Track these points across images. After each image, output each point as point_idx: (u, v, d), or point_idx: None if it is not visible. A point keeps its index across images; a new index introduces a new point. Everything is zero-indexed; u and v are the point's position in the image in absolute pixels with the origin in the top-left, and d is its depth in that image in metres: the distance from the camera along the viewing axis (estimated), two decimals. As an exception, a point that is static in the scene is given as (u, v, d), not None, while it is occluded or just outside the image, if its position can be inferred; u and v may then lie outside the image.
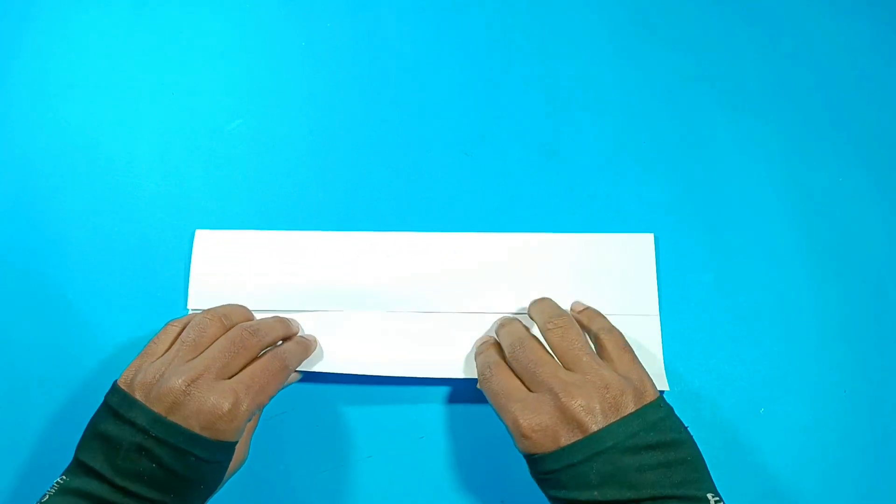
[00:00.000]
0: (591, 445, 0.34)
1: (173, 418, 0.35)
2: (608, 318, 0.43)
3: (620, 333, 0.41)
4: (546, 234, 0.47)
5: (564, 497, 0.34)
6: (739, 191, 0.49)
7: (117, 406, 0.36)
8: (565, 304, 0.45)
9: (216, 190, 0.49)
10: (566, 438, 0.34)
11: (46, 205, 0.48)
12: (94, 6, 0.52)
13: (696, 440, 0.40)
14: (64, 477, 0.35)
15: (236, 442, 0.37)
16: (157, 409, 0.35)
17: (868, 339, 0.46)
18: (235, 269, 0.46)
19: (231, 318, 0.41)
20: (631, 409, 0.35)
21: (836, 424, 0.45)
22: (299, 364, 0.42)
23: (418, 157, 0.49)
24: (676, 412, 0.39)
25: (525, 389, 0.37)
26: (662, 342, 0.45)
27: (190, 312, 0.46)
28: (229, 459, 0.37)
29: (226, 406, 0.35)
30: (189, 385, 0.36)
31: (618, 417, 0.34)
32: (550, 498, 0.36)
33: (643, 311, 0.46)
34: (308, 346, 0.43)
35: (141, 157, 0.49)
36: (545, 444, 0.35)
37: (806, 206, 0.49)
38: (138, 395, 0.36)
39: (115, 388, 0.37)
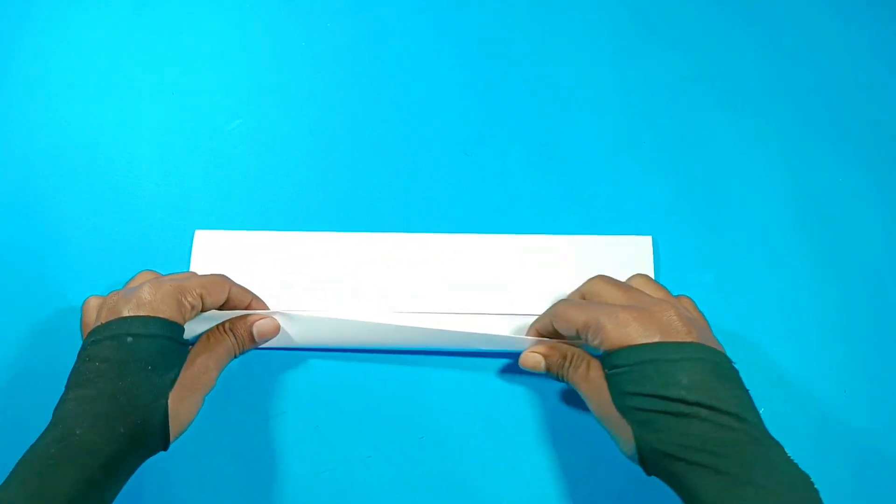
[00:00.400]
0: (687, 350, 0.35)
1: (107, 319, 0.37)
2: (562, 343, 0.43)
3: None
4: (545, 237, 0.47)
5: (644, 391, 0.35)
6: (739, 191, 0.49)
7: (83, 333, 0.40)
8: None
9: (216, 190, 0.49)
10: (662, 336, 0.35)
11: (46, 205, 0.48)
12: (95, 6, 0.52)
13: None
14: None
15: (174, 323, 0.38)
16: (96, 324, 0.38)
17: (868, 339, 0.46)
18: (234, 269, 0.46)
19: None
20: (718, 345, 0.37)
21: (836, 424, 0.45)
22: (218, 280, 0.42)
23: (418, 157, 0.49)
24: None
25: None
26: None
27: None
28: (171, 339, 0.37)
29: (147, 285, 0.38)
30: (114, 297, 0.39)
31: (703, 342, 0.36)
32: (622, 394, 0.36)
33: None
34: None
35: (141, 157, 0.49)
36: (638, 336, 0.35)
37: (806, 206, 0.49)
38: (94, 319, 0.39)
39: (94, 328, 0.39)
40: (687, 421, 0.34)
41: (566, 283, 0.46)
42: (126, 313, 0.37)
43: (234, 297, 0.42)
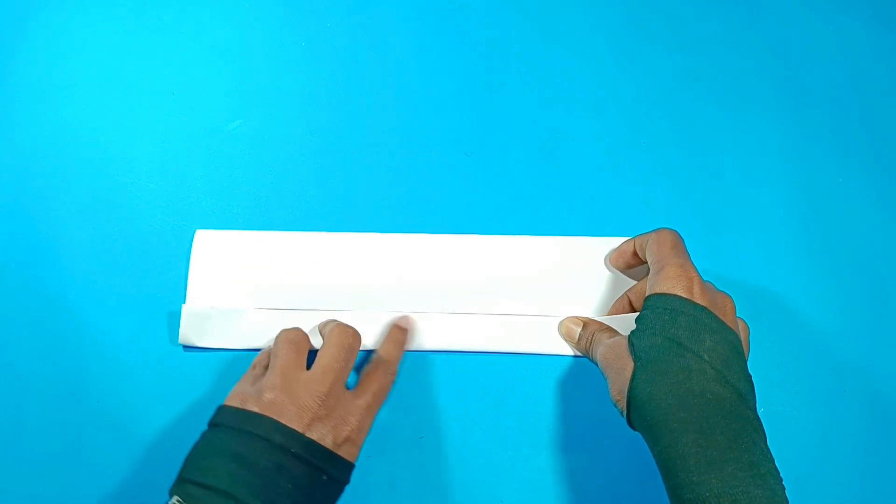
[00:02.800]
0: (722, 328, 0.37)
1: (309, 434, 0.35)
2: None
3: None
4: (545, 238, 0.47)
5: (672, 336, 0.36)
6: (739, 191, 0.49)
7: (240, 424, 0.35)
8: (562, 307, 0.46)
9: (216, 190, 0.49)
10: (708, 306, 0.38)
11: (46, 205, 0.48)
12: (95, 6, 0.52)
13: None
14: (178, 500, 0.34)
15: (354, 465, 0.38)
16: (295, 426, 0.35)
17: (868, 339, 0.46)
18: (234, 269, 0.46)
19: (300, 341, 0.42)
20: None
21: (836, 424, 0.45)
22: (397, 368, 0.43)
23: (418, 157, 0.49)
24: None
25: None
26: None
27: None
28: (344, 486, 0.37)
29: (355, 421, 0.37)
30: (323, 404, 0.36)
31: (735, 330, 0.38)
32: (648, 333, 0.38)
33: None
34: (405, 342, 0.44)
35: (141, 158, 0.49)
36: (693, 295, 0.38)
37: (805, 206, 0.49)
38: (264, 411, 0.36)
39: (226, 410, 0.37)
40: (694, 377, 0.34)
41: (566, 285, 0.46)
42: (334, 449, 0.36)
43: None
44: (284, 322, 0.46)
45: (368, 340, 0.45)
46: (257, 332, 0.46)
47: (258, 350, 0.45)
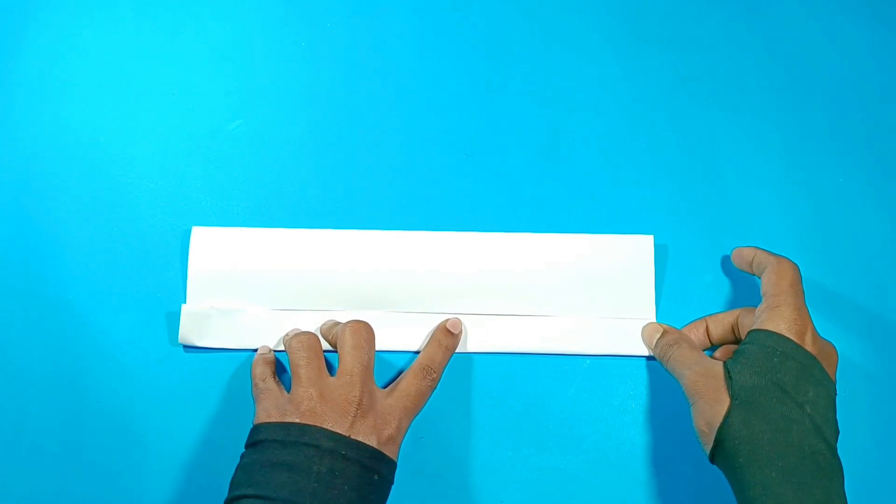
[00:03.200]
0: (826, 380, 0.37)
1: (355, 436, 0.36)
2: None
3: None
4: (545, 235, 0.47)
5: (776, 381, 0.36)
6: (739, 191, 0.49)
7: (284, 436, 0.36)
8: (562, 307, 0.46)
9: (216, 190, 0.49)
10: (816, 352, 0.38)
11: (46, 205, 0.48)
12: (95, 6, 0.52)
13: (696, 440, 0.40)
14: None
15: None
16: (339, 430, 0.36)
17: (868, 339, 0.46)
18: (233, 266, 0.46)
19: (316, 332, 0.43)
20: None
21: (836, 424, 0.45)
22: (440, 375, 0.43)
23: (418, 157, 0.49)
24: (677, 412, 0.39)
25: None
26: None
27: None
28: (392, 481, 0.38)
29: (395, 420, 0.38)
30: (359, 405, 0.37)
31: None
32: (748, 373, 0.37)
33: (641, 312, 0.46)
34: (453, 347, 0.44)
35: (140, 157, 0.49)
36: (801, 337, 0.38)
37: (805, 205, 0.49)
38: (304, 421, 0.36)
39: (267, 425, 0.37)
40: (794, 427, 0.34)
41: (566, 282, 0.46)
42: (379, 447, 0.37)
43: None
44: (285, 322, 0.46)
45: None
46: (257, 332, 0.46)
47: (257, 350, 0.45)
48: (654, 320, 0.46)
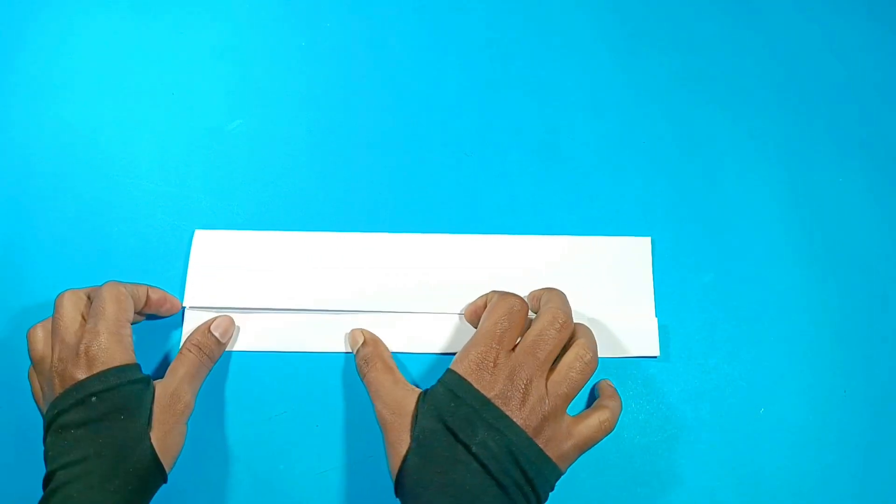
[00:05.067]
0: (507, 424, 0.36)
1: (65, 387, 0.38)
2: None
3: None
4: (544, 237, 0.47)
5: (447, 419, 0.37)
6: (738, 191, 0.49)
7: (44, 429, 0.39)
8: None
9: (216, 190, 0.49)
10: (495, 397, 0.37)
11: (46, 205, 0.48)
12: (95, 6, 0.52)
13: (696, 440, 0.40)
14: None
15: (127, 365, 0.39)
16: (53, 394, 0.38)
17: (867, 339, 0.46)
18: (232, 268, 0.46)
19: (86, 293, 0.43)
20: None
21: (835, 424, 0.45)
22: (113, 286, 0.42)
23: (418, 157, 0.49)
24: (677, 412, 0.38)
25: None
26: (660, 344, 0.45)
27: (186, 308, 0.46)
28: (131, 381, 0.38)
29: (86, 340, 0.38)
30: (56, 361, 0.39)
31: (529, 432, 0.36)
32: (430, 417, 0.38)
33: (640, 313, 0.46)
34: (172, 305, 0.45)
35: (141, 158, 0.49)
36: (478, 377, 0.38)
37: (804, 206, 0.49)
38: (48, 405, 0.39)
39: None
40: (458, 467, 0.35)
41: (565, 284, 0.46)
42: (80, 376, 0.37)
43: (151, 299, 0.44)
44: (286, 324, 0.46)
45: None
46: (258, 334, 0.46)
47: (257, 352, 0.45)
48: (654, 321, 0.46)
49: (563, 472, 0.37)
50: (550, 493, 0.37)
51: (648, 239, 0.47)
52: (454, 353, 0.45)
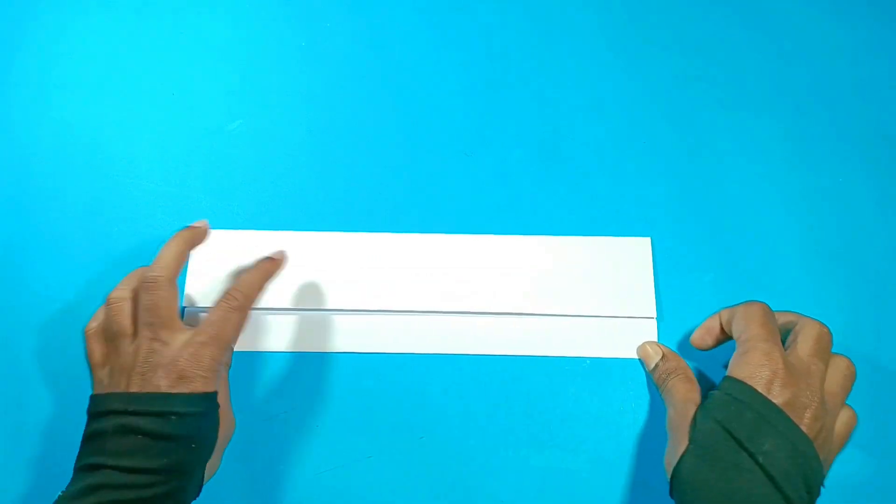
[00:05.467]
0: (790, 430, 0.36)
1: (144, 389, 0.36)
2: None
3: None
4: (544, 237, 0.47)
5: (729, 428, 0.36)
6: (739, 191, 0.49)
7: (94, 408, 0.38)
8: (562, 309, 0.46)
9: (216, 190, 0.49)
10: (781, 402, 0.36)
11: (46, 205, 0.48)
12: (95, 6, 0.52)
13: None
14: (62, 492, 0.36)
15: (214, 393, 0.38)
16: (128, 389, 0.37)
17: (868, 339, 0.46)
18: (232, 268, 0.46)
19: (132, 279, 0.42)
20: (821, 451, 0.37)
21: (836, 424, 0.45)
22: (257, 292, 0.42)
23: (418, 157, 0.49)
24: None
25: None
26: (660, 343, 0.45)
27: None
28: (211, 411, 0.38)
29: (185, 355, 0.37)
30: (145, 360, 0.37)
31: (812, 438, 0.36)
32: (707, 418, 0.37)
33: (641, 313, 0.46)
34: (267, 270, 0.44)
35: (141, 158, 0.49)
36: (768, 388, 0.36)
37: (805, 206, 0.49)
38: (109, 390, 0.38)
39: (91, 398, 0.39)
40: (745, 476, 0.34)
41: (565, 284, 0.46)
42: (165, 387, 0.36)
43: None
44: (285, 324, 0.46)
45: (369, 342, 0.45)
46: (258, 334, 0.46)
47: (256, 352, 0.45)
48: (654, 320, 0.46)
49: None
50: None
51: (648, 239, 0.47)
52: (453, 353, 0.45)
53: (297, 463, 0.44)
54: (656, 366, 0.43)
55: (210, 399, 0.38)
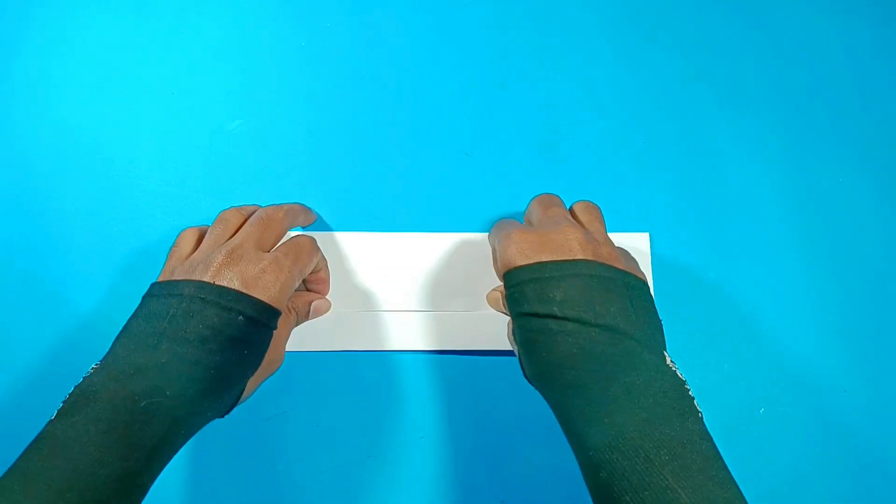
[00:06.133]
0: (570, 268, 0.35)
1: (219, 282, 0.36)
2: None
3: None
4: None
5: (526, 311, 0.35)
6: (738, 190, 0.49)
7: (160, 290, 0.36)
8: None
9: (216, 190, 0.49)
10: (547, 256, 0.36)
11: (46, 205, 0.48)
12: (95, 6, 0.52)
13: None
14: (97, 364, 0.35)
15: (279, 312, 0.38)
16: (203, 277, 0.36)
17: (868, 339, 0.46)
18: None
19: (248, 210, 0.43)
20: (620, 266, 0.36)
21: (836, 424, 0.45)
22: (319, 253, 0.43)
23: (418, 157, 0.49)
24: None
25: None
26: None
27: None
28: (271, 327, 0.37)
29: (264, 263, 0.37)
30: (229, 255, 0.37)
31: (605, 262, 0.35)
32: (514, 315, 0.37)
33: None
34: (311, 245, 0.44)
35: (141, 158, 0.49)
36: (526, 257, 0.36)
37: (805, 205, 0.49)
38: (179, 277, 0.37)
39: (154, 284, 0.38)
40: (557, 338, 0.34)
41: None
42: (244, 289, 0.36)
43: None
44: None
45: (367, 341, 0.45)
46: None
47: None
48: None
49: None
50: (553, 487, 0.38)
51: (647, 235, 0.47)
52: (452, 351, 0.45)
53: (297, 463, 0.44)
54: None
55: (275, 315, 0.37)
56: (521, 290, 0.36)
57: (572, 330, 0.33)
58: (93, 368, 0.34)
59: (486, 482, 0.44)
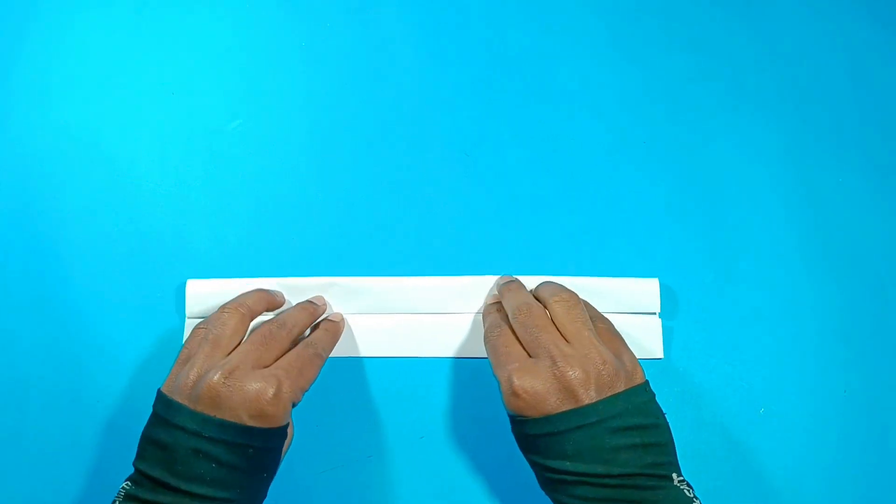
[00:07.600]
0: (577, 418, 0.34)
1: (221, 415, 0.35)
2: (611, 315, 0.44)
3: (610, 322, 0.42)
4: (548, 278, 0.46)
5: (537, 461, 0.36)
6: (739, 190, 0.49)
7: (164, 413, 0.36)
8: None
9: (216, 190, 0.49)
10: (553, 407, 0.35)
11: (46, 205, 0.48)
12: (95, 6, 0.52)
13: (696, 440, 0.40)
14: (128, 484, 0.36)
15: (287, 425, 0.38)
16: (203, 409, 0.35)
17: (868, 339, 0.46)
18: (231, 279, 0.46)
19: (251, 308, 0.41)
20: (621, 388, 0.36)
21: (836, 424, 0.45)
22: (331, 350, 0.43)
23: (418, 158, 0.49)
24: (677, 412, 0.39)
25: (525, 353, 0.38)
26: (663, 342, 0.45)
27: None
28: (283, 442, 0.38)
29: (270, 391, 0.36)
30: (227, 378, 0.36)
31: (608, 395, 0.35)
32: (526, 457, 0.37)
33: (645, 308, 0.46)
34: (336, 332, 0.44)
35: (141, 158, 0.49)
36: (533, 408, 0.35)
37: (806, 205, 0.49)
38: (182, 399, 0.36)
39: (159, 396, 0.37)
40: (573, 488, 0.35)
41: (568, 281, 0.46)
42: (247, 420, 0.35)
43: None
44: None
45: (370, 344, 0.45)
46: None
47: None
48: (658, 322, 0.46)
49: None
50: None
51: (656, 280, 0.46)
52: (453, 356, 0.45)
53: (297, 463, 0.44)
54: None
55: (284, 433, 0.37)
56: (532, 440, 0.36)
57: (587, 481, 0.34)
58: (122, 490, 0.36)
59: (486, 482, 0.44)
